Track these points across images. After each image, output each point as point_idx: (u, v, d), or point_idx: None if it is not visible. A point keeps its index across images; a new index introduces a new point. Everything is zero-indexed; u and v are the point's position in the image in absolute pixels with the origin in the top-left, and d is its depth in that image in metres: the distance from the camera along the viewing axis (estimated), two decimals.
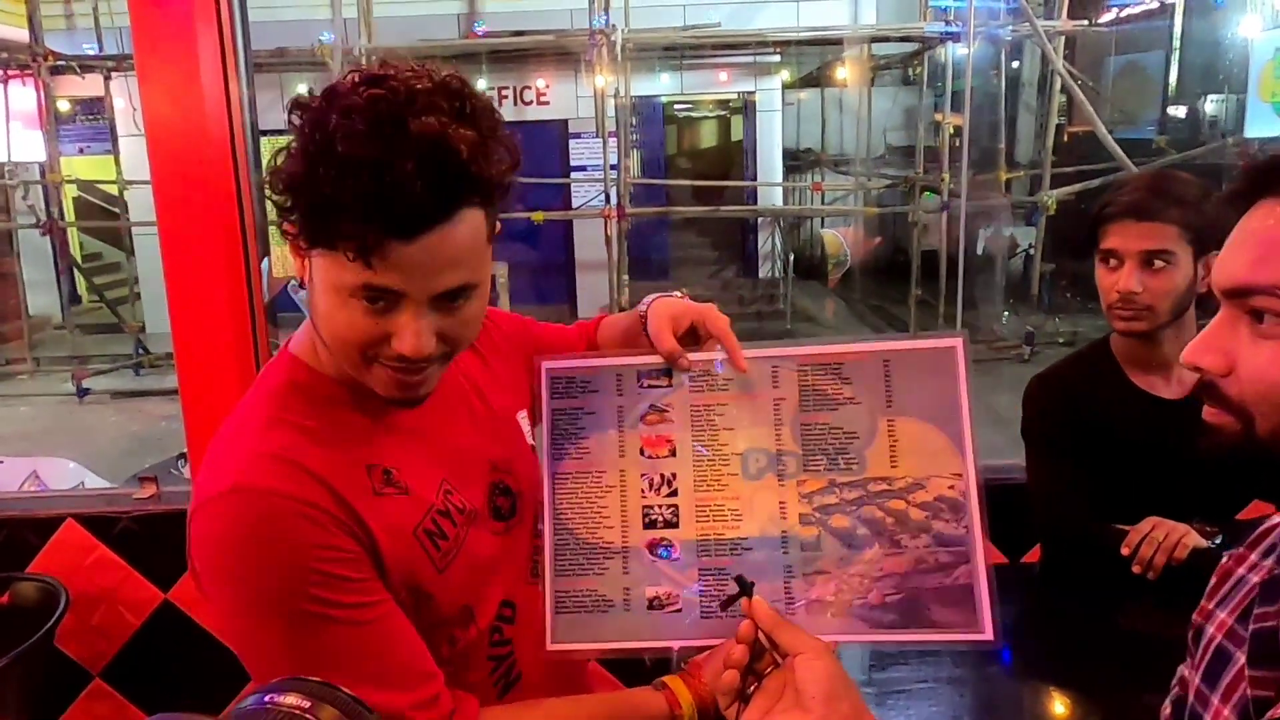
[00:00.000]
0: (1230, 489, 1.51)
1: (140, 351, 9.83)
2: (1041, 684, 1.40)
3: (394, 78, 0.79)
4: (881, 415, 0.95)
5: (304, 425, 0.89)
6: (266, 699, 0.46)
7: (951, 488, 0.93)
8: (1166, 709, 0.94)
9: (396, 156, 0.75)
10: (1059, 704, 1.38)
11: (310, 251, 0.84)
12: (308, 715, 0.45)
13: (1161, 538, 1.42)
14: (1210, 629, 0.82)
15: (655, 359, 1.01)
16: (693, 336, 1.03)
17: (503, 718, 0.93)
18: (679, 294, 1.08)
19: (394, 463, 0.92)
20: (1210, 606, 0.84)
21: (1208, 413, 0.73)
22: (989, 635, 0.90)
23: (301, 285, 0.90)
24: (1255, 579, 0.81)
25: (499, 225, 0.89)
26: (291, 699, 0.45)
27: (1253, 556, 0.84)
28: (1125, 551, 1.42)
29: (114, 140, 10.39)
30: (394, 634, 0.87)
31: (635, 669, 1.03)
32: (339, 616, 0.84)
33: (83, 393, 9.03)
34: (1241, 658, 0.76)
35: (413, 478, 0.93)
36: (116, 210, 10.74)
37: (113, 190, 10.70)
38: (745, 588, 0.88)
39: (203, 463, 0.89)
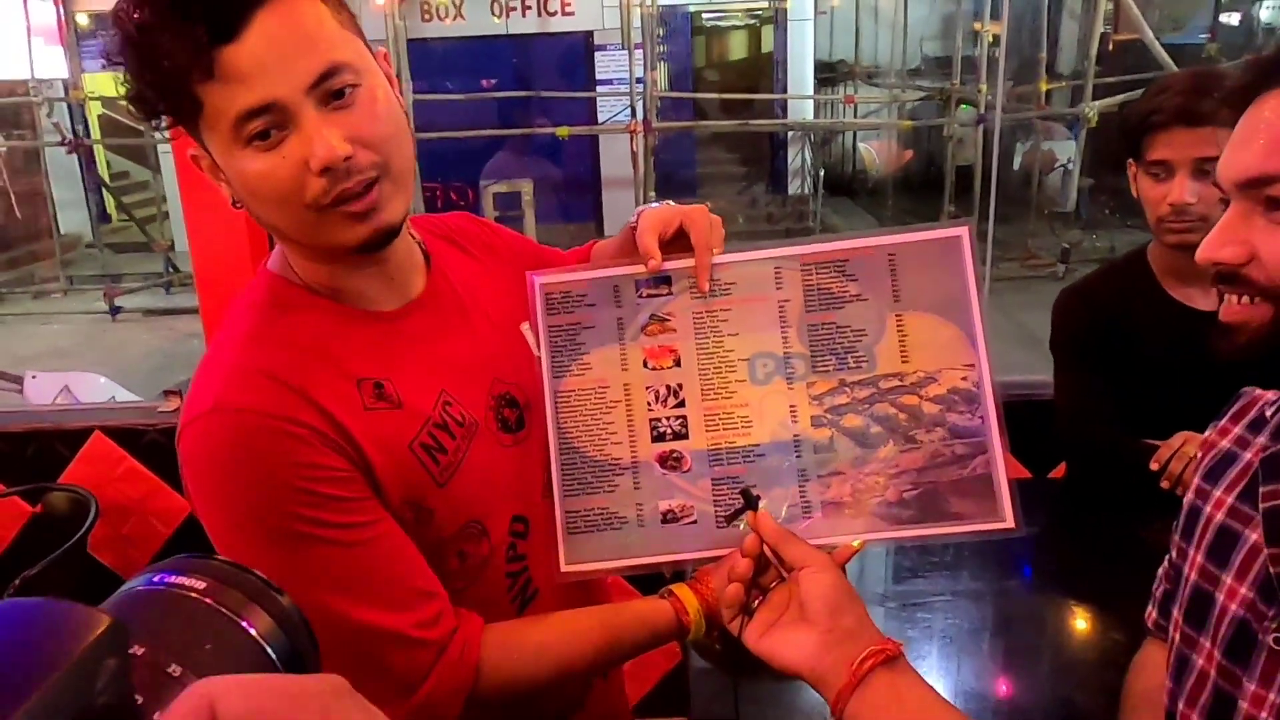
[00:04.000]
0: None
1: (170, 270, 9.90)
2: (1062, 598, 1.39)
3: None
4: (889, 310, 0.92)
5: (287, 340, 0.87)
6: (159, 578, 0.41)
7: (964, 379, 0.91)
8: (1160, 584, 0.94)
9: None
10: (1080, 618, 1.37)
11: (199, 135, 0.82)
12: (204, 598, 0.40)
13: (1193, 453, 1.38)
14: (1208, 508, 0.83)
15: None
16: (686, 241, 0.97)
17: (507, 632, 0.92)
18: (669, 203, 1.03)
19: (386, 375, 0.89)
20: (1205, 484, 0.84)
21: (1228, 311, 0.73)
22: (1010, 523, 0.88)
23: (235, 204, 0.87)
24: (1249, 456, 0.81)
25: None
26: (189, 579, 0.40)
27: (1237, 430, 0.84)
28: (1154, 466, 1.38)
29: None
30: (392, 553, 0.86)
31: (658, 582, 1.02)
32: (330, 537, 0.82)
33: (115, 311, 9.14)
34: (1253, 536, 0.77)
35: (407, 390, 0.90)
36: (142, 128, 10.68)
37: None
38: (750, 501, 0.87)
39: (192, 381, 0.87)
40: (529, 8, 10.93)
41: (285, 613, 0.42)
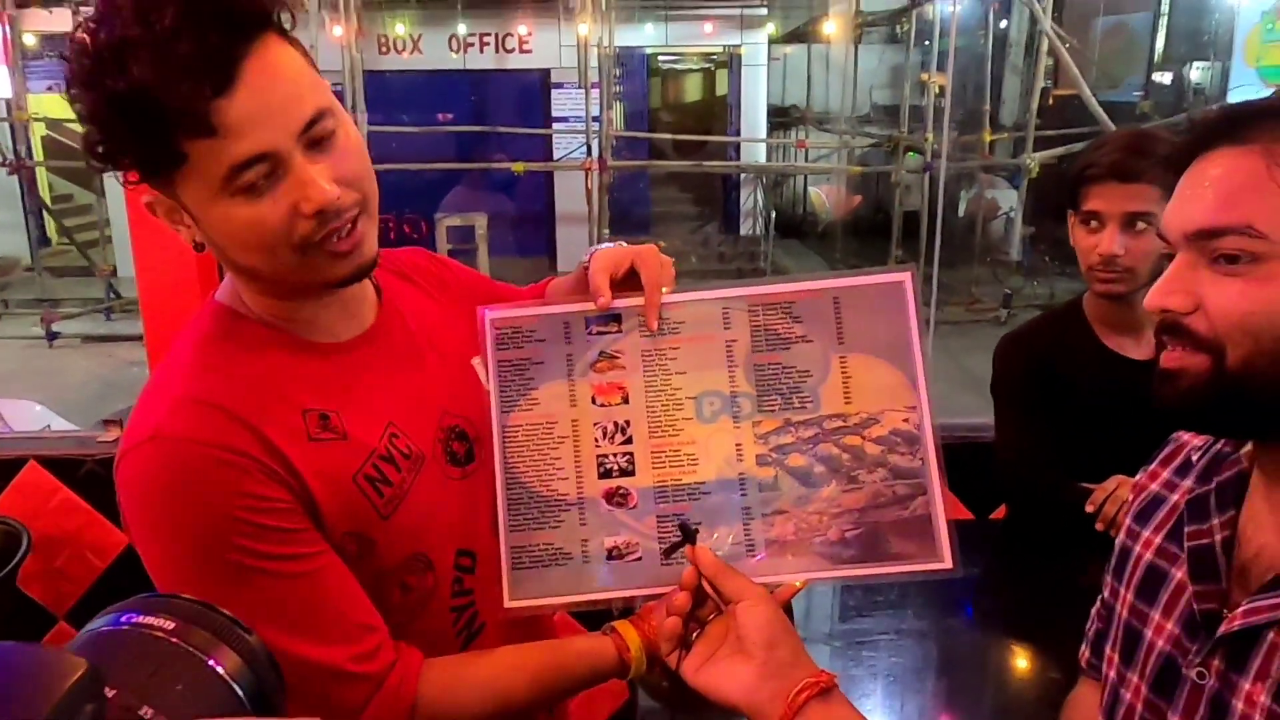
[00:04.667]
0: None
1: (111, 295, 9.68)
2: (1003, 637, 1.42)
3: None
4: (834, 352, 0.94)
5: (232, 371, 0.86)
6: (124, 618, 0.41)
7: (906, 420, 0.92)
8: (1093, 624, 0.97)
9: (160, 23, 0.73)
10: (1020, 657, 1.40)
11: (172, 185, 0.80)
12: (171, 638, 0.40)
13: (1126, 496, 1.42)
14: (1137, 548, 0.86)
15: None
16: (637, 280, 0.97)
17: (447, 667, 0.92)
18: (621, 243, 1.04)
19: (334, 407, 0.89)
20: (1135, 526, 0.87)
21: (1168, 358, 0.75)
22: (949, 564, 0.90)
23: (200, 247, 0.86)
24: (1176, 498, 0.84)
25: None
26: (156, 619, 0.40)
27: (1165, 474, 0.88)
28: (1090, 508, 1.42)
29: None
30: (330, 586, 0.85)
31: (605, 616, 1.02)
32: (269, 569, 0.81)
33: (52, 336, 8.90)
34: (1179, 574, 0.80)
35: (353, 422, 0.90)
36: None
37: (82, 129, 10.44)
38: (689, 534, 0.88)
39: (132, 411, 0.86)
40: (487, 44, 11.02)
41: (253, 651, 0.42)
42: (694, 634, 0.82)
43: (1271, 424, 0.73)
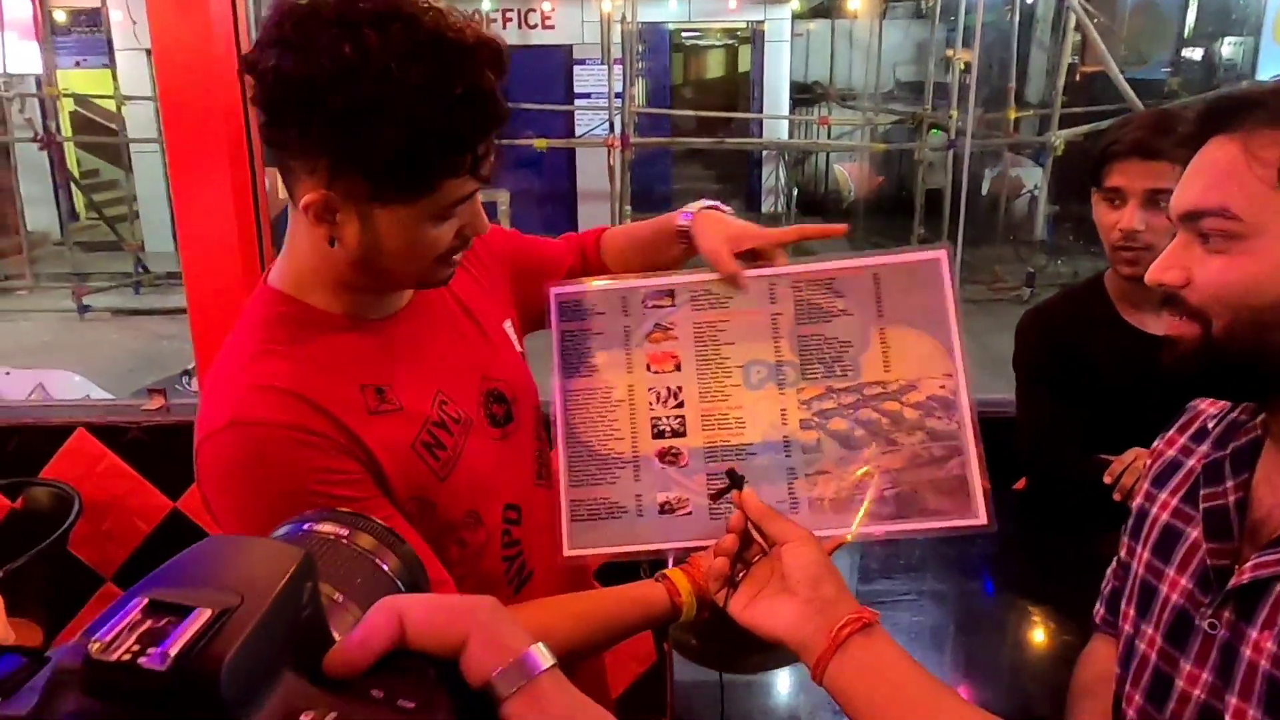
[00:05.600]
0: None
1: (140, 270, 9.80)
2: (1019, 601, 1.47)
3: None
4: (873, 324, 1.00)
5: (293, 353, 0.91)
6: (305, 526, 0.47)
7: (942, 387, 0.98)
8: (1109, 583, 1.02)
9: (479, 67, 0.83)
10: (1035, 619, 1.45)
11: (378, 203, 0.86)
12: (344, 542, 0.46)
13: (1143, 467, 1.46)
14: (1154, 509, 0.91)
15: (659, 280, 1.05)
16: (749, 257, 1.05)
17: (511, 613, 0.98)
18: (726, 208, 1.12)
19: (386, 381, 0.95)
20: (1152, 489, 0.92)
21: (1169, 326, 0.81)
22: (984, 520, 0.95)
23: (333, 243, 0.89)
24: (1193, 463, 0.89)
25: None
26: (329, 527, 0.47)
27: (1182, 440, 0.93)
28: (1108, 480, 1.46)
29: (111, 54, 10.20)
30: None
31: (638, 573, 1.08)
32: None
33: (83, 309, 9.04)
34: (1194, 533, 0.85)
35: (405, 394, 0.95)
36: (114, 126, 10.59)
37: (110, 106, 10.54)
38: (736, 480, 0.93)
39: (201, 398, 0.92)
40: (509, 20, 10.99)
41: (408, 556, 0.48)
42: (739, 574, 0.87)
43: (1256, 385, 0.80)
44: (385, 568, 0.47)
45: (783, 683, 1.29)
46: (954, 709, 0.75)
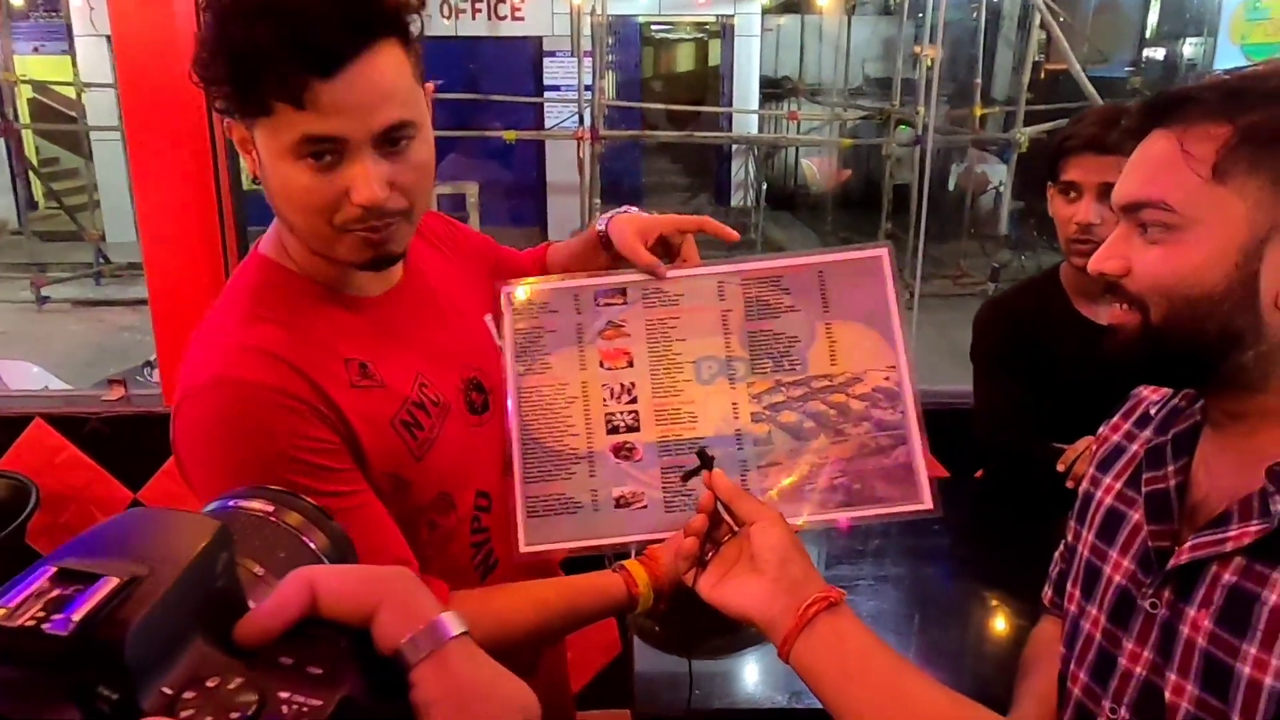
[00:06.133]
0: None
1: (101, 260, 9.64)
2: (975, 585, 1.50)
3: None
4: (819, 320, 1.04)
5: (281, 320, 0.92)
6: (231, 503, 0.48)
7: (887, 379, 1.02)
8: (1056, 566, 1.06)
9: None
10: (991, 602, 1.48)
11: (251, 125, 0.86)
12: (271, 518, 0.47)
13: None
14: (1099, 494, 0.94)
15: (610, 279, 1.07)
16: (662, 248, 1.08)
17: (473, 600, 0.99)
18: (633, 210, 1.12)
19: (370, 357, 0.96)
20: (1097, 473, 0.95)
21: (1111, 314, 0.84)
22: (929, 505, 0.99)
23: (255, 180, 0.92)
24: (1135, 448, 0.92)
25: (426, 76, 0.93)
26: (256, 504, 0.47)
27: (1126, 426, 0.96)
28: (1061, 468, 1.50)
29: (70, 40, 10.00)
30: (369, 521, 0.92)
31: (602, 562, 1.09)
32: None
33: (42, 300, 8.89)
34: (1136, 516, 0.88)
35: (388, 371, 0.96)
36: (74, 114, 10.39)
37: (69, 93, 10.34)
38: (706, 461, 0.95)
39: (184, 358, 0.92)
40: (479, 10, 10.92)
41: (336, 534, 0.49)
42: (709, 554, 0.88)
43: (1192, 372, 0.82)
44: (312, 545, 0.47)
45: (749, 672, 1.31)
46: (918, 685, 0.77)
